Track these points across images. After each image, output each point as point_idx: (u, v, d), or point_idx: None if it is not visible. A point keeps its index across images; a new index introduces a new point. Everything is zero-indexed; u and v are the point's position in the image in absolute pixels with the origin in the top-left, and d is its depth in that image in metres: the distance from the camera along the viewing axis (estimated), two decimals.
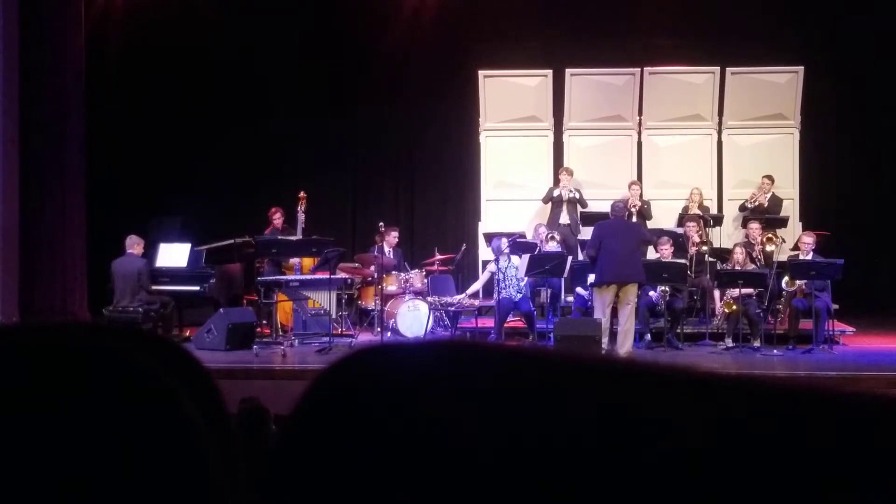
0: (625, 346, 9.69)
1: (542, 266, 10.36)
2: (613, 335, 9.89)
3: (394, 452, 0.49)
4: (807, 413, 0.48)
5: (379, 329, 11.04)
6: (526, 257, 10.62)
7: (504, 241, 10.81)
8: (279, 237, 11.50)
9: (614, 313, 9.96)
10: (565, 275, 10.74)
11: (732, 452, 0.46)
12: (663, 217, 12.45)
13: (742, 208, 12.52)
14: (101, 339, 0.63)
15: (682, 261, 10.89)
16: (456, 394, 0.50)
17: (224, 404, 0.66)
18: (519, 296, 10.77)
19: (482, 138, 13.41)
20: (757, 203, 12.26)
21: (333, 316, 10.95)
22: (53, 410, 0.58)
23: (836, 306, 10.64)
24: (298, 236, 11.59)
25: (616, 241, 9.75)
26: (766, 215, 12.13)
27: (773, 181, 12.36)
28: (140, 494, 0.57)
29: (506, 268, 10.75)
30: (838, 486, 0.45)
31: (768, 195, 12.32)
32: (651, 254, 11.42)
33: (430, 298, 11.19)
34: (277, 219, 11.87)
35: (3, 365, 0.60)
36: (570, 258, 10.93)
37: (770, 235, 11.58)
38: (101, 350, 0.60)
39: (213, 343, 10.18)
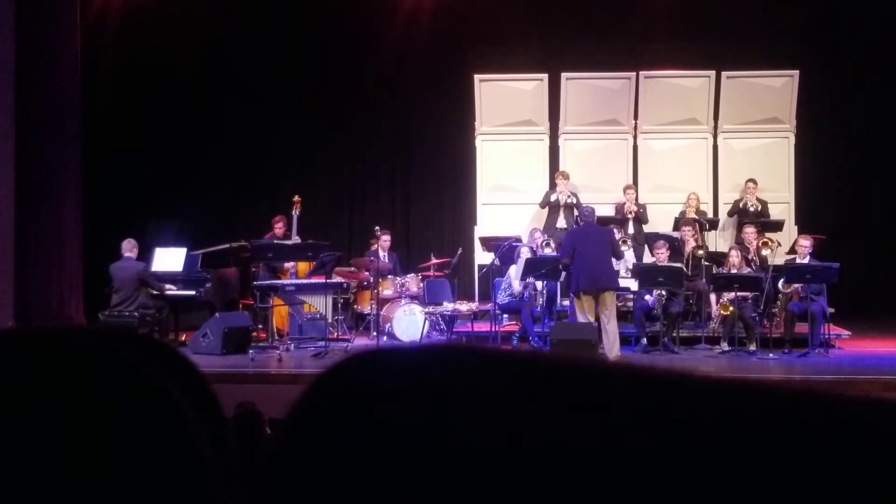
0: (613, 350, 9.69)
1: (538, 270, 10.37)
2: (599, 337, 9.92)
3: (389, 457, 0.49)
4: (803, 417, 0.48)
5: (375, 333, 11.04)
6: (522, 261, 10.63)
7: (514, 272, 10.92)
8: (275, 241, 11.50)
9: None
10: (561, 279, 10.75)
11: (729, 457, 0.46)
12: (659, 221, 12.46)
13: (732, 213, 12.53)
14: (97, 343, 0.63)
15: (678, 265, 10.90)
16: (452, 398, 0.50)
17: (220, 408, 0.66)
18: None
19: (478, 142, 13.41)
20: (753, 206, 12.28)
21: (329, 320, 10.94)
22: (51, 414, 0.57)
23: (831, 310, 10.65)
24: (294, 240, 11.59)
25: (588, 247, 9.77)
26: (762, 219, 12.15)
27: (756, 184, 12.39)
28: (138, 497, 0.57)
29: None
30: (836, 490, 0.45)
31: (752, 198, 12.37)
32: (647, 257, 11.43)
33: (427, 309, 11.18)
34: (279, 227, 11.86)
35: (1, 369, 0.60)
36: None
37: (766, 240, 11.58)
38: (98, 354, 0.60)
39: (209, 347, 10.17)
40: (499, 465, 0.47)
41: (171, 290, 11.16)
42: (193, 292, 11.33)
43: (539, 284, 10.89)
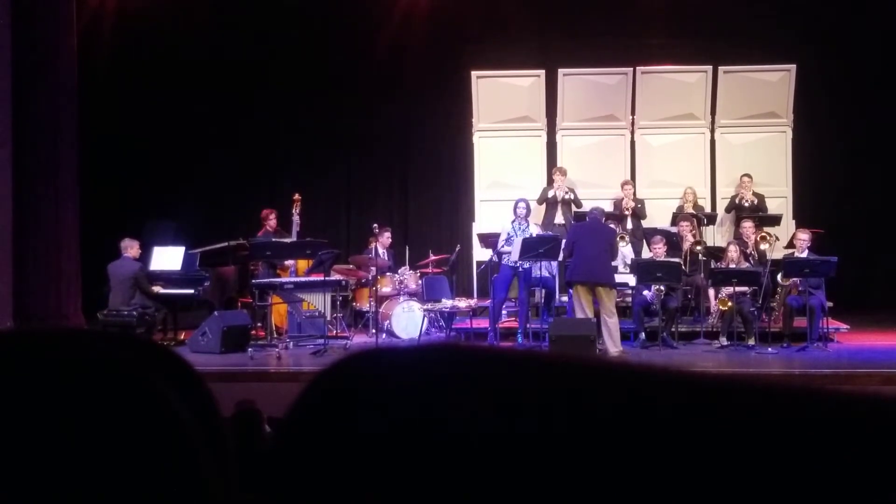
0: (615, 344, 9.74)
1: (536, 249, 10.35)
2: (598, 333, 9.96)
3: (387, 454, 0.49)
4: (803, 413, 0.48)
5: (374, 331, 11.03)
6: (519, 241, 10.60)
7: (522, 205, 10.86)
8: (273, 240, 11.49)
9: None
10: (559, 258, 10.74)
11: (729, 452, 0.46)
12: (657, 216, 12.47)
13: (729, 208, 12.51)
14: (94, 346, 0.63)
15: (677, 260, 10.91)
16: (449, 397, 0.50)
17: (217, 409, 0.66)
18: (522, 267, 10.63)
19: (475, 139, 13.41)
20: (748, 202, 12.28)
21: (328, 318, 10.94)
22: (49, 415, 0.57)
23: (830, 304, 10.66)
24: (293, 238, 11.58)
25: (587, 243, 10.06)
26: (760, 213, 12.15)
27: (751, 178, 12.40)
28: (134, 496, 0.57)
29: (522, 231, 10.71)
30: (835, 484, 0.45)
31: (748, 193, 12.37)
32: (645, 252, 11.44)
33: (426, 306, 11.16)
34: (271, 221, 11.85)
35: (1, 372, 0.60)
36: (563, 241, 10.98)
37: (764, 234, 11.59)
38: (95, 356, 0.60)
39: (208, 346, 10.17)
40: (492, 464, 0.47)
41: (162, 290, 11.13)
42: (192, 291, 11.32)
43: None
